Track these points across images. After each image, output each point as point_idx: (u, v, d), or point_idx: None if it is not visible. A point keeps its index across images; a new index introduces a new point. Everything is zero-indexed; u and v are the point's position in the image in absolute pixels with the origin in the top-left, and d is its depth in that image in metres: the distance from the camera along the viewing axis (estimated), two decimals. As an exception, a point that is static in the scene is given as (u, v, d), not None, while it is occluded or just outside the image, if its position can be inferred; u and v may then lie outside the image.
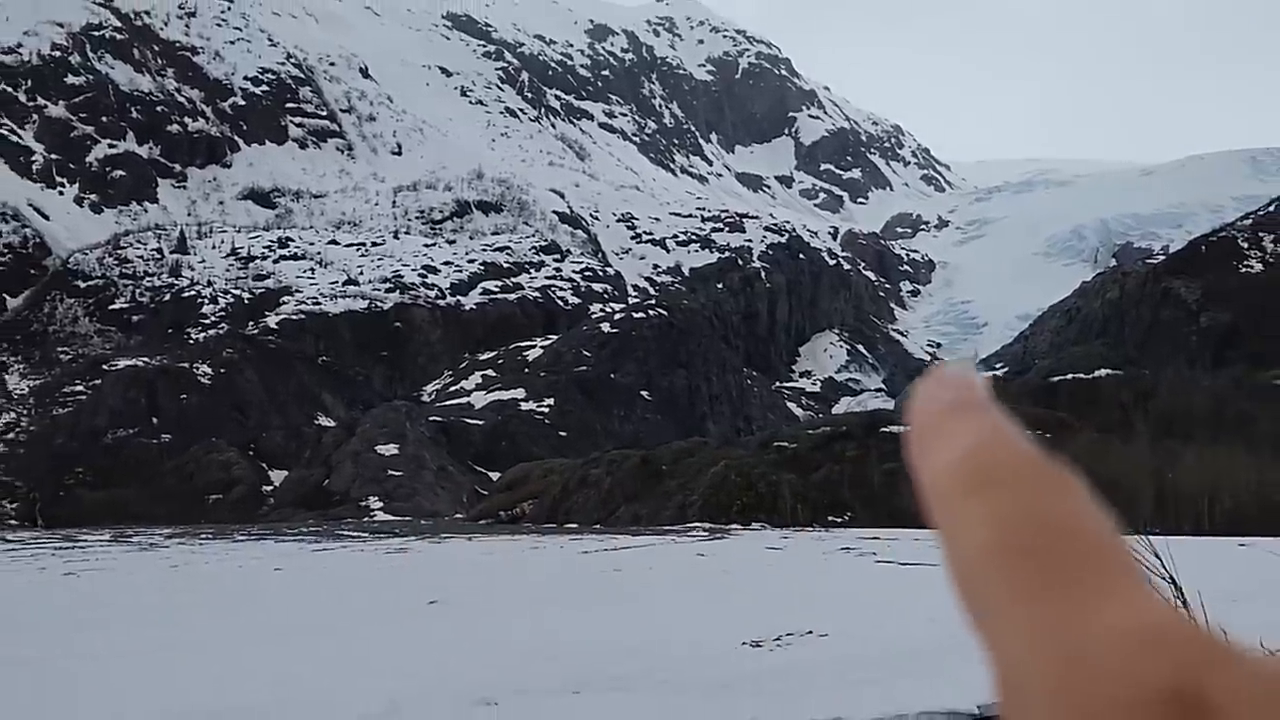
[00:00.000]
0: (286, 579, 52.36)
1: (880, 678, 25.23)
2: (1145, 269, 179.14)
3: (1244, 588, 19.43)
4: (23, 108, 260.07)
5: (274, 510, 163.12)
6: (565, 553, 66.65)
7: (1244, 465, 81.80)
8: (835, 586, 43.41)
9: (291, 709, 21.54)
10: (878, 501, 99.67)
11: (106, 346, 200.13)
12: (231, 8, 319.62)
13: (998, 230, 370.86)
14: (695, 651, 28.16)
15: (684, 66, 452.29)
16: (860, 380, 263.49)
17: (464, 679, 24.27)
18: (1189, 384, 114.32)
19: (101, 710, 21.33)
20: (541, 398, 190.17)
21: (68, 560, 65.85)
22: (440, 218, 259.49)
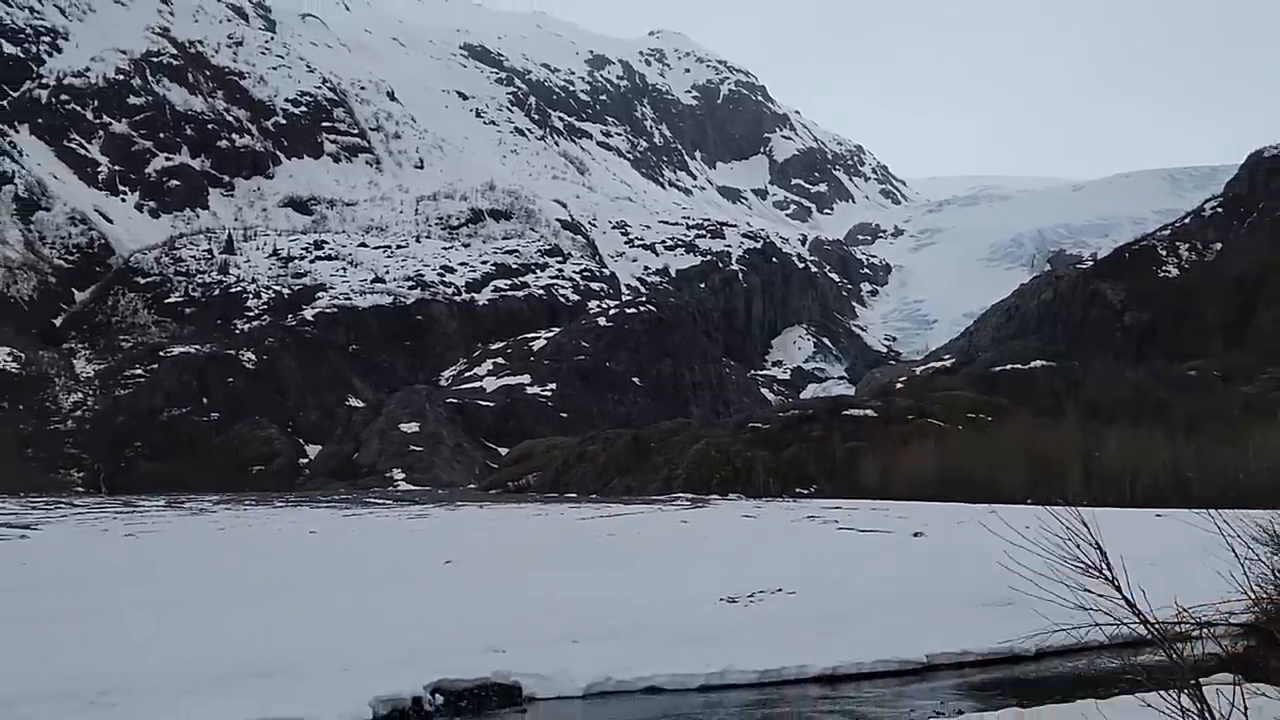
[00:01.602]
0: (320, 541, 52.38)
1: (841, 630, 25.30)
2: (1076, 273, 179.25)
3: (1160, 553, 19.52)
4: (90, 124, 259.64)
5: (309, 480, 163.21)
6: (565, 519, 66.74)
7: (1161, 446, 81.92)
8: (802, 550, 43.49)
9: (323, 656, 21.55)
10: (839, 475, 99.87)
11: (163, 335, 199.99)
12: (274, 38, 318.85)
13: (947, 238, 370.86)
14: (679, 606, 28.23)
15: (672, 92, 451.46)
16: (825, 369, 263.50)
17: (475, 630, 24.32)
18: (1113, 375, 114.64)
19: (156, 654, 21.31)
20: (545, 383, 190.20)
21: (128, 523, 65.84)
22: (457, 224, 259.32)
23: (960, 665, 23.29)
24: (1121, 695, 12.90)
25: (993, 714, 15.93)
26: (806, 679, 21.67)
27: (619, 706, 19.85)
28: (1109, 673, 17.54)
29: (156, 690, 18.56)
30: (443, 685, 19.91)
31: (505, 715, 19.40)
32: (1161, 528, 42.06)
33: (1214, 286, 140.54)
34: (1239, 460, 72.23)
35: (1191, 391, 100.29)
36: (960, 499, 71.19)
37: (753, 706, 19.78)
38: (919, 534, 49.00)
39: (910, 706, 19.40)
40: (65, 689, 18.35)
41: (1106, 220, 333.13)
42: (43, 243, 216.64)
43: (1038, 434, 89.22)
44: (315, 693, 18.48)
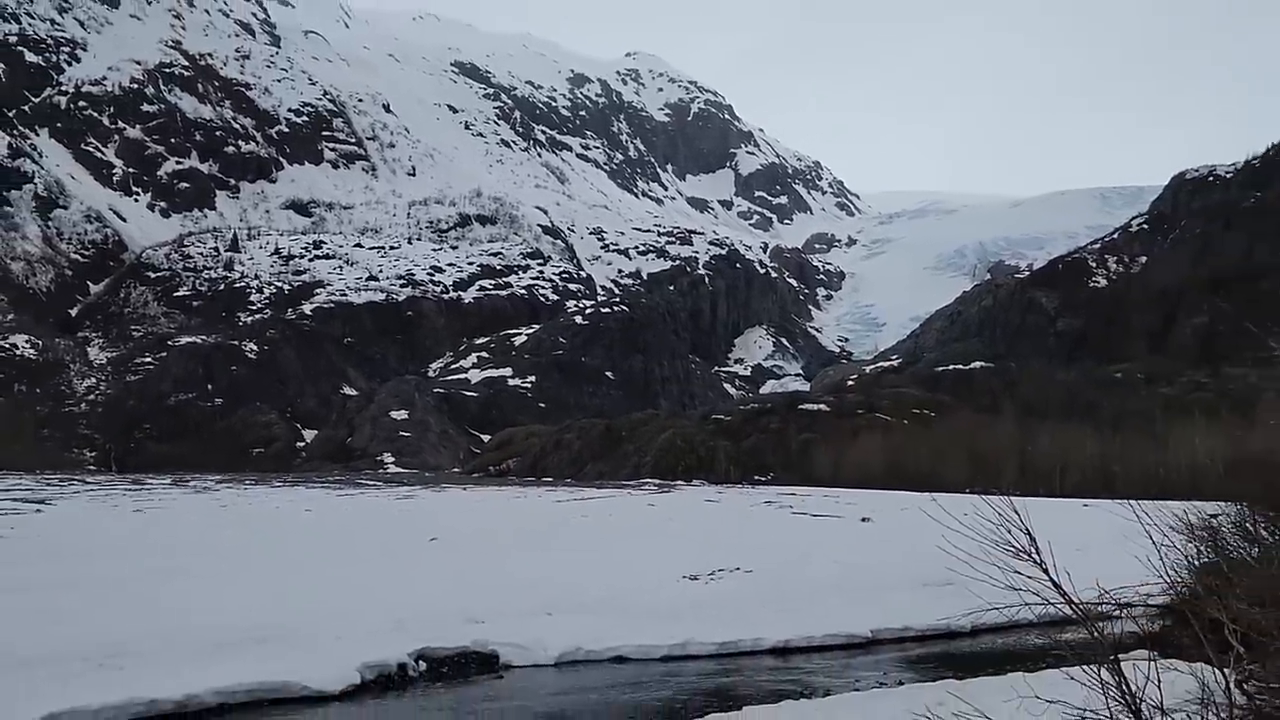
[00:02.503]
0: (315, 519, 52.24)
1: (793, 607, 25.39)
2: (1014, 282, 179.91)
3: (1087, 540, 19.65)
4: (106, 130, 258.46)
5: (305, 462, 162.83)
6: (542, 501, 66.70)
7: (1089, 442, 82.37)
8: (759, 532, 43.58)
9: (317, 624, 21.52)
10: (794, 465, 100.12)
11: (171, 326, 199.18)
12: (279, 52, 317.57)
13: (896, 248, 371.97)
14: (645, 583, 28.28)
15: (646, 110, 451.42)
16: (783, 366, 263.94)
17: (457, 602, 24.33)
18: (1047, 376, 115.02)
19: (162, 621, 21.25)
20: (525, 375, 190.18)
21: (136, 499, 65.53)
22: (446, 227, 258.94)
23: (902, 640, 23.41)
24: (1048, 669, 12.99)
25: (931, 685, 16.02)
26: (761, 651, 21.76)
27: (588, 674, 19.89)
28: (1037, 648, 17.66)
29: (162, 654, 18.52)
30: (426, 653, 19.92)
31: (484, 681, 19.42)
32: (1087, 516, 42.24)
33: (1139, 297, 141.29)
34: (1159, 456, 72.70)
35: (1117, 392, 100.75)
36: (905, 488, 71.35)
37: (711, 675, 19.85)
38: (866, 519, 49.14)
39: (856, 677, 19.49)
40: (77, 652, 18.29)
41: (1042, 234, 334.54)
42: (60, 238, 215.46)
43: (977, 429, 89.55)
44: (309, 659, 18.48)
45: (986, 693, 11.54)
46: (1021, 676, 12.60)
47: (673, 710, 16.88)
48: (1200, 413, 79.88)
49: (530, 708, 17.51)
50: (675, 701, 17.62)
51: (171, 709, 16.26)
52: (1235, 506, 18.18)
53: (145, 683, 16.64)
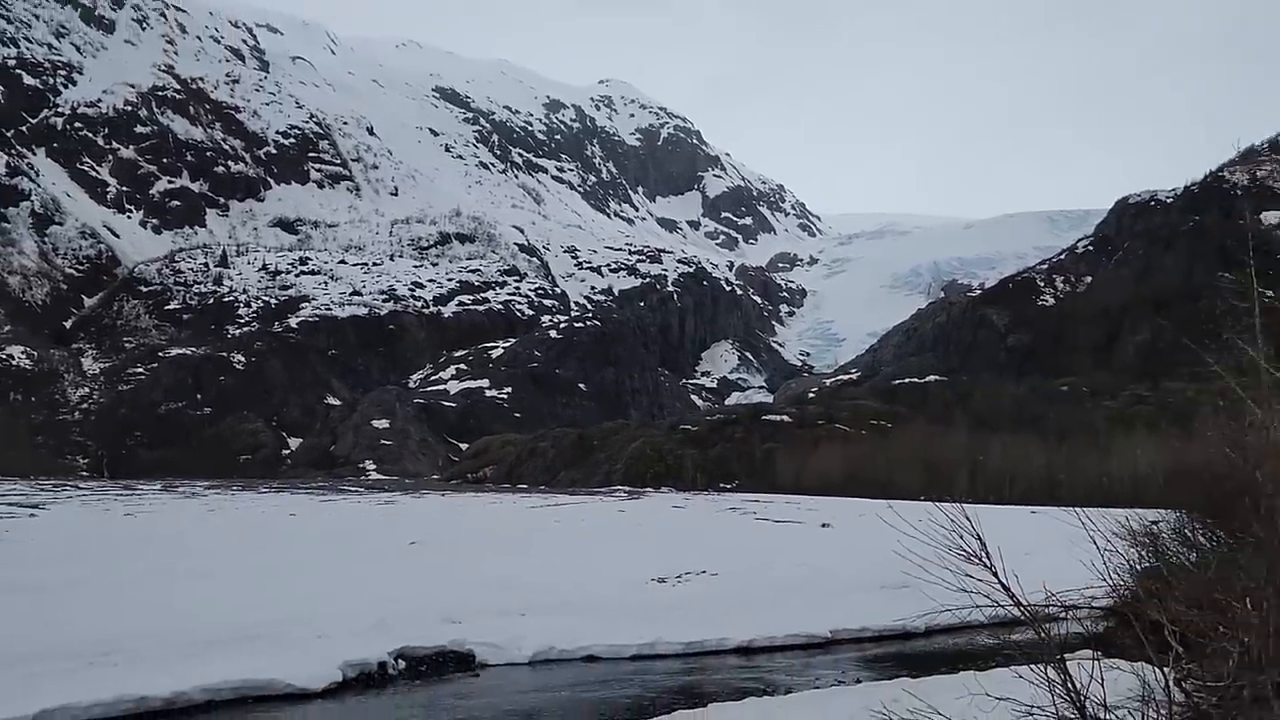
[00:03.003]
0: (299, 523, 51.99)
1: (756, 608, 25.41)
2: (966, 300, 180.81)
3: (1034, 545, 19.74)
4: (100, 150, 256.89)
5: (291, 469, 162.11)
6: (517, 507, 66.57)
7: (1037, 452, 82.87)
8: (724, 537, 43.63)
9: (300, 624, 21.43)
10: (758, 473, 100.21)
11: (162, 338, 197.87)
12: (267, 76, 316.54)
13: (855, 267, 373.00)
14: (615, 585, 28.26)
15: (618, 134, 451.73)
16: (747, 379, 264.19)
17: (436, 603, 24.27)
18: (997, 389, 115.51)
19: (152, 620, 21.12)
20: (502, 386, 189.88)
21: (127, 504, 65.07)
22: (427, 245, 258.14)
23: (860, 640, 23.47)
24: (997, 667, 13.03)
25: (887, 683, 16.05)
26: (725, 650, 21.78)
27: (561, 672, 19.87)
28: (987, 648, 17.74)
29: (153, 652, 18.42)
30: (405, 652, 19.87)
31: (460, 679, 19.37)
32: (1035, 523, 42.49)
33: (1085, 314, 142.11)
34: (1103, 466, 73.06)
35: (1064, 405, 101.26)
36: (863, 495, 71.55)
37: (678, 674, 19.85)
38: (826, 525, 49.26)
39: (816, 675, 19.52)
40: (70, 650, 18.19)
41: (993, 255, 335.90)
42: (56, 254, 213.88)
43: (931, 440, 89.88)
44: (293, 657, 18.41)
45: (940, 690, 11.57)
46: (973, 675, 12.63)
47: (642, 707, 16.87)
48: (1142, 425, 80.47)
49: (505, 705, 17.47)
50: (644, 699, 17.61)
51: (160, 705, 16.18)
52: (1174, 514, 18.29)
53: (135, 680, 16.55)
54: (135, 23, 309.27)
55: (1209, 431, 16.85)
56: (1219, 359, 16.29)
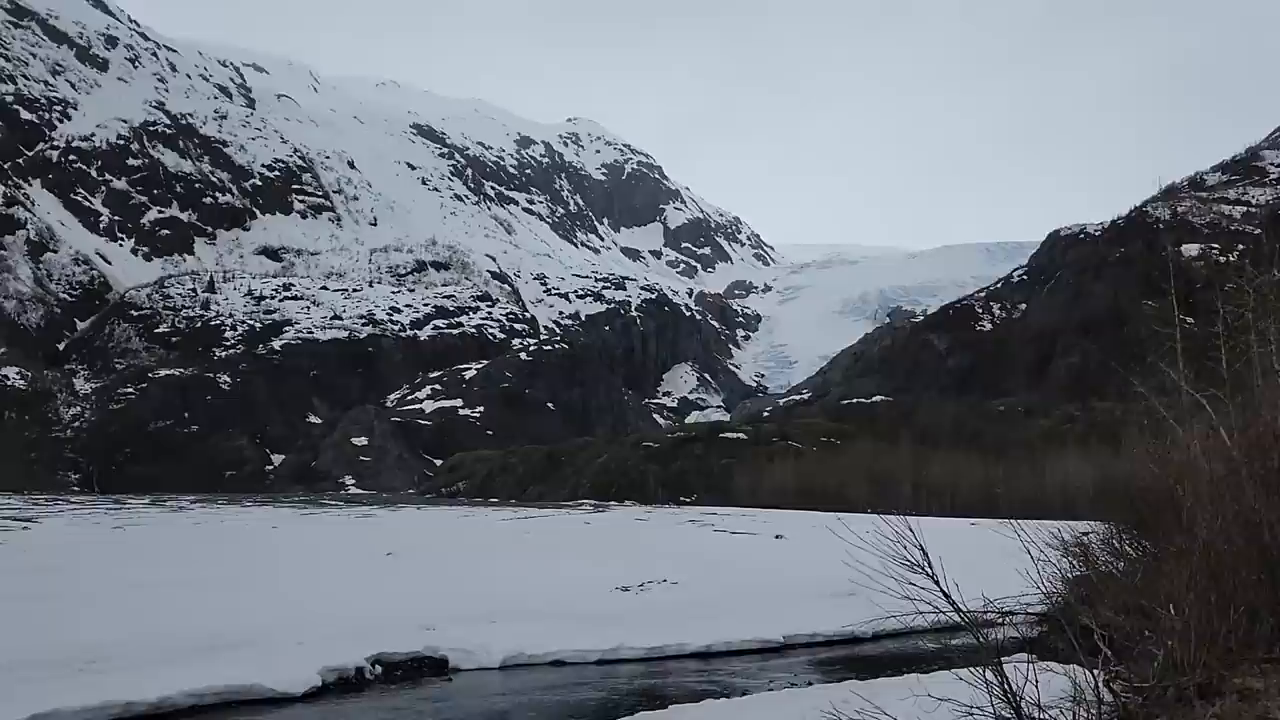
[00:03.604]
0: (282, 535, 51.54)
1: (714, 615, 25.37)
2: (910, 325, 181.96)
3: (973, 555, 19.81)
4: (94, 181, 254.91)
5: (274, 484, 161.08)
6: (489, 520, 66.29)
7: (975, 467, 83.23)
8: (684, 548, 43.55)
9: (281, 631, 21.23)
10: (716, 487, 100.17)
11: (151, 360, 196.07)
12: (254, 113, 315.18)
13: (807, 294, 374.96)
14: (581, 593, 28.16)
15: (585, 169, 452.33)
16: (706, 399, 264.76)
17: (411, 611, 24.10)
18: (939, 408, 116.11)
19: (139, 628, 20.87)
20: (475, 406, 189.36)
21: (117, 518, 64.34)
22: (404, 272, 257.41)
23: (811, 645, 23.47)
24: (939, 670, 13.06)
25: (837, 685, 16.06)
26: (685, 655, 21.73)
27: (530, 676, 19.78)
28: (929, 652, 17.74)
29: (139, 659, 18.23)
30: (382, 657, 19.73)
31: (434, 683, 19.26)
32: (974, 534, 42.65)
33: (1020, 338, 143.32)
34: (1037, 480, 73.62)
35: (1000, 423, 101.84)
36: (814, 508, 71.64)
37: (641, 677, 19.79)
38: (780, 536, 49.27)
39: (770, 678, 19.51)
40: (60, 657, 17.96)
41: (935, 283, 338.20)
42: (50, 279, 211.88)
43: (878, 455, 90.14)
44: (274, 663, 18.26)
45: (886, 692, 11.57)
46: (916, 677, 12.68)
47: (606, 709, 16.81)
48: (1073, 442, 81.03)
49: (476, 708, 17.37)
50: (609, 701, 17.55)
51: (146, 710, 15.99)
52: (1103, 526, 18.41)
53: (122, 686, 16.36)
54: (128, 61, 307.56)
55: (1135, 448, 17.00)
56: (1144, 380, 16.48)
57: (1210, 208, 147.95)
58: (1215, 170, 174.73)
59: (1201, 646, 8.44)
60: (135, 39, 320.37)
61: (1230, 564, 9.19)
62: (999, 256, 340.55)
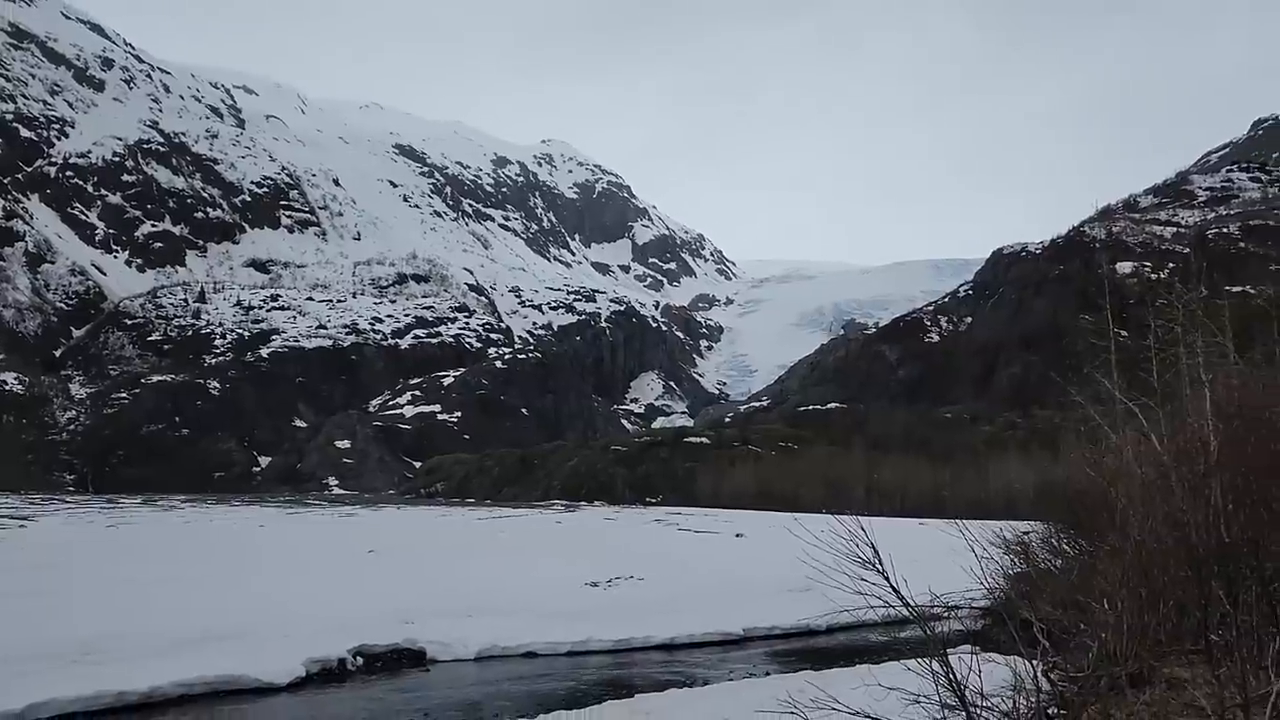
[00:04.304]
0: (268, 534, 51.18)
1: (678, 609, 25.36)
2: (863, 337, 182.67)
3: (921, 553, 19.88)
4: (90, 196, 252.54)
5: (260, 485, 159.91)
6: (465, 519, 66.06)
7: (924, 471, 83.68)
8: (650, 546, 43.56)
9: (267, 625, 21.09)
10: (681, 488, 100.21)
11: (144, 366, 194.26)
12: (244, 132, 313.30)
13: (767, 307, 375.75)
14: (552, 589, 28.11)
15: (558, 187, 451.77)
16: (671, 406, 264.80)
17: (391, 605, 23.99)
18: (890, 415, 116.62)
19: (131, 622, 20.69)
20: (453, 411, 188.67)
21: (110, 517, 63.71)
22: (386, 284, 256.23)
23: (769, 637, 23.52)
24: (889, 661, 13.13)
25: (793, 675, 16.11)
26: (651, 647, 21.72)
27: (503, 667, 19.72)
28: (880, 644, 17.84)
29: (131, 652, 18.08)
30: (363, 649, 19.64)
31: (412, 674, 19.18)
32: (922, 533, 42.75)
33: (965, 350, 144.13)
34: (981, 482, 74.05)
35: (947, 430, 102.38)
36: (772, 508, 71.82)
37: (608, 668, 19.78)
38: (740, 535, 49.37)
39: (730, 669, 19.53)
40: (55, 650, 17.80)
41: (887, 297, 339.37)
42: (47, 289, 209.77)
43: (832, 459, 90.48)
44: (260, 655, 18.14)
45: (839, 682, 11.62)
46: (868, 668, 12.72)
47: (576, 698, 16.78)
48: (1015, 447, 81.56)
49: (453, 697, 17.30)
50: (578, 690, 17.53)
51: (138, 700, 15.86)
52: (1043, 525, 18.55)
53: (115, 677, 16.22)
54: (123, 83, 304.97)
55: (1072, 453, 17.15)
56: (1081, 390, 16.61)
57: (1143, 228, 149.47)
58: (1148, 193, 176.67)
59: (1133, 639, 8.52)
60: (130, 61, 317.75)
61: (1160, 562, 9.28)
62: (947, 273, 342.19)
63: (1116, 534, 10.73)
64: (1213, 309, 14.64)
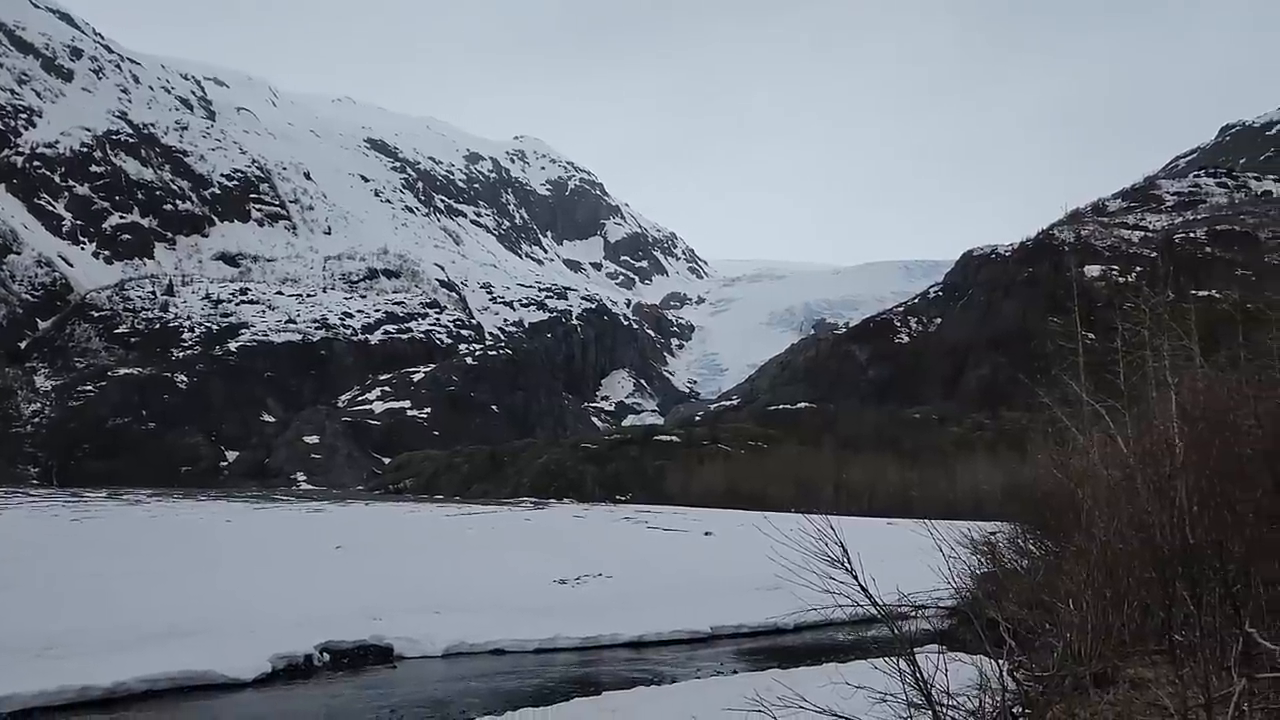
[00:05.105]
0: (235, 529, 50.82)
1: (646, 607, 25.36)
2: (833, 337, 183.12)
3: (889, 552, 19.98)
4: (58, 187, 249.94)
5: (228, 480, 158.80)
6: (434, 516, 65.81)
7: (893, 471, 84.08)
8: (618, 544, 43.56)
9: (234, 620, 20.96)
10: (650, 486, 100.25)
11: (111, 359, 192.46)
12: (214, 125, 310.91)
13: (738, 306, 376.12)
14: (520, 586, 28.07)
15: (530, 184, 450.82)
16: (641, 404, 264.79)
17: (359, 601, 23.89)
18: (859, 415, 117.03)
19: (95, 616, 20.50)
20: (422, 407, 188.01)
21: (75, 510, 63.07)
22: (356, 279, 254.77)
23: (737, 635, 23.57)
24: (857, 660, 13.19)
25: (761, 673, 16.14)
26: (618, 644, 21.74)
27: (471, 664, 19.68)
28: (847, 643, 17.92)
29: (95, 646, 17.93)
30: (329, 645, 19.55)
31: (379, 670, 19.10)
32: (890, 533, 43.03)
33: (935, 351, 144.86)
34: (949, 483, 74.47)
35: (916, 430, 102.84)
36: (741, 507, 71.91)
37: (576, 665, 19.77)
38: (709, 533, 49.43)
39: (698, 667, 19.56)
40: (17, 645, 17.62)
41: (857, 297, 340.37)
42: (13, 280, 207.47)
43: (801, 458, 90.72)
44: (227, 650, 18.03)
45: (806, 680, 11.65)
46: (835, 666, 12.77)
47: (543, 695, 16.76)
48: (982, 448, 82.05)
49: (419, 693, 17.25)
50: (545, 688, 17.51)
51: (101, 695, 15.73)
52: (1010, 526, 18.68)
53: (79, 671, 16.08)
54: (92, 73, 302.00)
55: (1039, 455, 17.28)
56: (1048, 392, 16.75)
57: (1111, 232, 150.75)
58: (1116, 197, 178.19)
59: (1098, 639, 8.59)
60: (100, 51, 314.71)
61: (1125, 563, 9.36)
62: (917, 274, 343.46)
63: (1082, 535, 10.82)
64: (1179, 313, 14.79)
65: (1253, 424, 10.19)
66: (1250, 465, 9.35)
